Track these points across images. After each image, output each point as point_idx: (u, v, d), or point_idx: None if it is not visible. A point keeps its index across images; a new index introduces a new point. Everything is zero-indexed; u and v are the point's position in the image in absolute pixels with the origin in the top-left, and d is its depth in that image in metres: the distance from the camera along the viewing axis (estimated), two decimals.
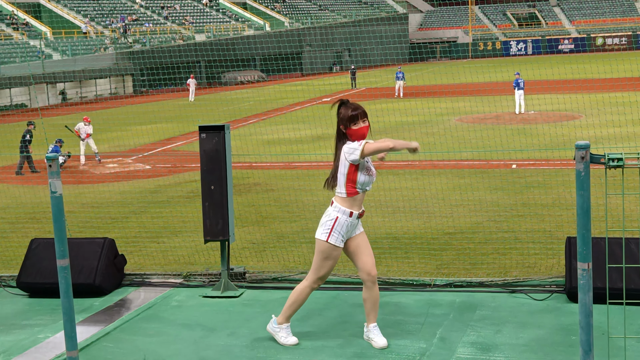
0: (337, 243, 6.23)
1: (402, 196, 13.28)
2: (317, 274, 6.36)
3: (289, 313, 6.56)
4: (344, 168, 6.13)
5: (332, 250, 6.25)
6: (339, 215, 6.18)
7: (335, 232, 6.21)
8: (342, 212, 6.18)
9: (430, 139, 20.90)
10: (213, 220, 7.94)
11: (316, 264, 6.35)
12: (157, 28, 65.33)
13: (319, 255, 6.31)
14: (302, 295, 6.46)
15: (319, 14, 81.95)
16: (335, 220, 6.19)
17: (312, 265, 6.41)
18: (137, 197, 15.64)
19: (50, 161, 4.87)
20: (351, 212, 6.18)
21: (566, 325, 6.70)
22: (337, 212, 6.19)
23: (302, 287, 6.47)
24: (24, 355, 6.63)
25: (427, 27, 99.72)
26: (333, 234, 6.21)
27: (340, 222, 6.19)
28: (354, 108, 6.16)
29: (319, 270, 6.34)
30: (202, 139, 7.94)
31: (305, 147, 21.47)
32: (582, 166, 3.68)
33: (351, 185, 6.14)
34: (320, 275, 6.36)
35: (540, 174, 15.93)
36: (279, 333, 6.60)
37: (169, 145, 24.60)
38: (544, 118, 26.72)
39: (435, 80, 31.72)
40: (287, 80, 45.32)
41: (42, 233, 11.64)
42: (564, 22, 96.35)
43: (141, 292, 8.33)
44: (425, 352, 6.26)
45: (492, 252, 9.76)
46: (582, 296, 3.75)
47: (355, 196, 6.18)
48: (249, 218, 12.74)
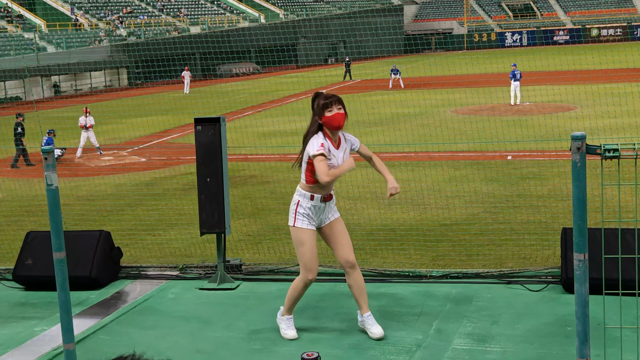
0: (303, 226, 6.26)
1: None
2: (301, 264, 6.36)
3: (288, 306, 6.57)
4: (304, 162, 6.25)
5: (300, 233, 6.27)
6: (300, 198, 6.28)
7: (300, 216, 6.26)
8: (302, 196, 6.27)
9: (425, 131, 20.89)
10: (209, 213, 7.93)
11: (297, 254, 6.40)
12: (151, 20, 65.13)
13: (294, 244, 6.38)
14: (297, 290, 6.45)
15: (314, 5, 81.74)
16: (297, 204, 6.27)
17: None
18: (132, 190, 15.62)
19: (46, 154, 4.85)
20: (312, 196, 6.23)
21: (562, 315, 6.72)
22: (299, 196, 6.29)
23: (295, 282, 6.49)
24: (21, 349, 6.62)
25: (422, 19, 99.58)
26: (298, 218, 6.27)
27: (302, 205, 6.25)
28: (326, 97, 6.24)
29: (301, 259, 6.34)
30: (197, 131, 7.93)
31: (301, 139, 21.41)
32: (578, 157, 3.68)
33: (310, 175, 6.22)
34: (304, 264, 6.30)
35: (535, 165, 15.95)
36: (280, 324, 6.63)
37: (164, 138, 24.55)
38: (539, 109, 26.72)
39: (431, 71, 31.67)
40: (283, 72, 45.21)
41: (38, 226, 11.62)
42: (559, 13, 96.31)
43: (137, 285, 8.32)
44: (422, 343, 6.27)
45: (488, 244, 9.77)
46: (578, 287, 3.75)
47: (315, 184, 6.22)
48: (244, 210, 12.74)
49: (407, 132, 18.99)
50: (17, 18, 55.97)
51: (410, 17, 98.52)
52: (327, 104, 6.17)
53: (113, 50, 53.96)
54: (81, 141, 21.88)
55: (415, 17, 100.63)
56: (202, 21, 66.75)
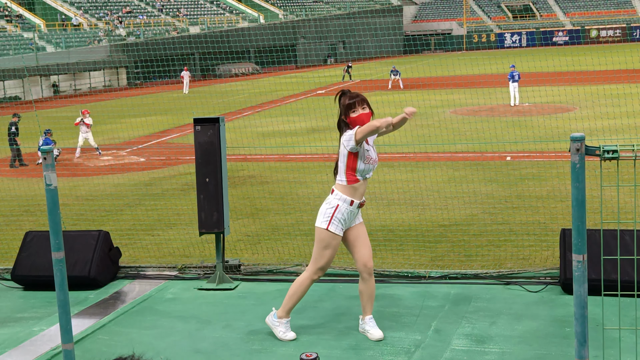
0: (336, 231, 6.21)
1: (397, 188, 13.27)
2: (316, 264, 6.32)
3: (290, 306, 6.50)
4: (344, 157, 6.15)
5: (331, 238, 6.22)
6: (339, 203, 6.16)
7: (335, 220, 6.18)
8: (342, 200, 6.17)
9: (424, 131, 20.88)
10: (208, 213, 7.93)
11: (316, 253, 6.31)
12: (151, 20, 65.11)
13: (318, 244, 6.27)
14: (302, 287, 6.42)
15: (313, 5, 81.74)
16: (335, 208, 6.17)
17: (312, 255, 6.37)
18: (131, 190, 15.62)
19: (45, 154, 4.85)
20: (352, 201, 6.17)
21: (561, 316, 6.72)
22: (338, 200, 6.17)
23: (302, 279, 6.43)
24: (19, 348, 6.62)
25: (422, 19, 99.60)
26: (333, 222, 6.19)
27: (341, 210, 6.16)
28: (351, 96, 6.20)
29: (319, 260, 6.30)
30: (196, 131, 7.92)
31: (300, 139, 21.45)
32: (577, 158, 3.68)
33: (351, 173, 6.14)
34: (320, 266, 6.31)
35: (534, 166, 15.95)
36: (277, 327, 6.54)
37: (163, 138, 24.54)
38: (538, 110, 26.73)
39: (430, 72, 31.67)
40: (282, 72, 45.24)
41: (36, 226, 11.62)
42: (558, 14, 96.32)
43: (136, 285, 8.32)
44: (420, 344, 6.27)
45: (487, 244, 9.77)
46: (577, 288, 3.75)
47: (356, 184, 6.17)
48: (243, 210, 12.73)
49: (406, 132, 18.97)
50: (17, 18, 55.95)
51: (409, 17, 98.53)
52: (351, 104, 6.15)
53: (112, 50, 53.94)
54: (79, 141, 21.87)
55: (414, 17, 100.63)
56: (202, 21, 66.73)
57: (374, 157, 6.24)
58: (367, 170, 6.19)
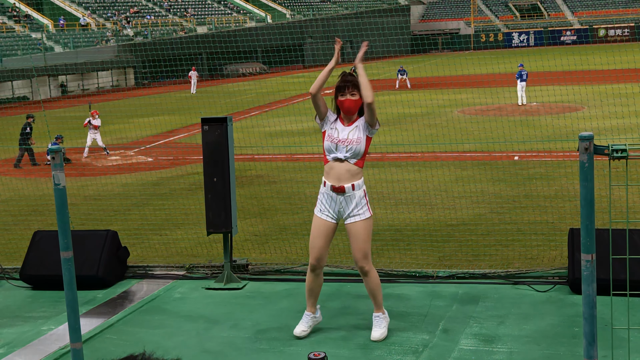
0: (317, 214, 6.17)
1: (404, 188, 13.26)
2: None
3: (307, 302, 6.50)
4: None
5: (315, 221, 6.18)
6: (364, 187, 6.16)
7: (318, 202, 6.19)
8: (322, 182, 6.18)
9: (432, 131, 20.86)
10: (215, 213, 7.94)
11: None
12: (158, 20, 65.22)
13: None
14: (308, 283, 6.42)
15: (320, 5, 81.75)
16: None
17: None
18: (139, 190, 15.64)
19: (53, 154, 4.86)
20: (325, 182, 6.13)
21: (569, 316, 6.70)
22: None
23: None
24: (28, 348, 6.64)
25: (429, 19, 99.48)
26: (317, 204, 6.20)
27: (321, 191, 6.18)
28: (344, 79, 6.07)
29: (310, 247, 6.23)
30: (204, 131, 7.93)
31: (307, 139, 21.44)
32: (585, 157, 3.67)
33: (325, 153, 6.14)
34: (312, 253, 6.21)
35: (542, 165, 15.92)
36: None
37: (171, 138, 24.58)
38: (546, 110, 26.66)
39: (437, 72, 31.64)
40: (289, 72, 45.21)
41: (45, 225, 11.64)
42: (566, 13, 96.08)
43: (144, 284, 8.33)
44: (428, 343, 6.26)
45: (495, 244, 9.75)
46: (585, 287, 3.74)
47: (326, 165, 6.10)
48: (251, 210, 12.74)
49: (413, 132, 18.96)
50: (25, 18, 56.11)
51: (417, 17, 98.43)
52: (341, 87, 6.06)
53: (120, 50, 54.04)
54: (88, 141, 21.93)
55: (422, 17, 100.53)
56: (209, 21, 66.79)
57: (335, 136, 6.01)
58: (331, 149, 6.02)
